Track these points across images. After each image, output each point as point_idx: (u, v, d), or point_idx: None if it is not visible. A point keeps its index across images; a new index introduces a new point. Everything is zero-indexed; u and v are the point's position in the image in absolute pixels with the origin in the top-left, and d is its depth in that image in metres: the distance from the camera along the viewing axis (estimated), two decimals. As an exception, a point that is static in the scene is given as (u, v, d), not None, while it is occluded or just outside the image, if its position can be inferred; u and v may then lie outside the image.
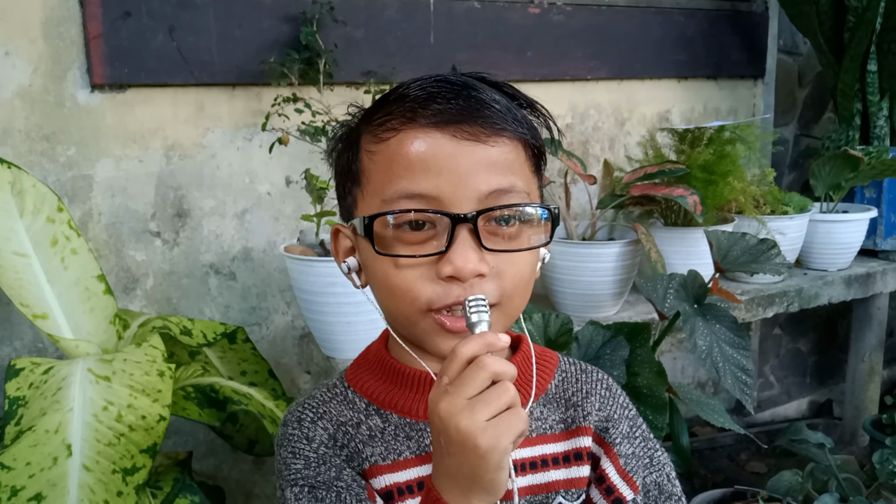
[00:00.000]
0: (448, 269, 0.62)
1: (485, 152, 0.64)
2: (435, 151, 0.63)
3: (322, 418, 0.72)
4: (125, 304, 1.53)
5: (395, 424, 0.71)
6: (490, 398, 0.56)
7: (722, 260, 1.39)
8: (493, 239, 0.64)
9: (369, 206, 0.66)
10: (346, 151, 0.71)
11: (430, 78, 0.65)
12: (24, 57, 1.39)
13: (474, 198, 0.63)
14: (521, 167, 0.67)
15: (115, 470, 1.07)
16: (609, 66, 2.02)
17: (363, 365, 0.76)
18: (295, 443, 0.71)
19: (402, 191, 0.63)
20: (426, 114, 0.64)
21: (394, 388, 0.72)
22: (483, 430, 0.54)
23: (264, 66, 1.50)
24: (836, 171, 1.98)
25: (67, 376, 1.12)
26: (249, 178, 1.62)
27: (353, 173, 0.69)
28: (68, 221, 1.29)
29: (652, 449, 0.79)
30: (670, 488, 0.78)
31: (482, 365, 0.56)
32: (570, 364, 0.80)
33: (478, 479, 0.56)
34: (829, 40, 2.15)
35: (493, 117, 0.64)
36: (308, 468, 0.69)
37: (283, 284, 1.68)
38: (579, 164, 1.65)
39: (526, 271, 0.67)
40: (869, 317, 2.29)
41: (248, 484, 1.74)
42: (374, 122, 0.67)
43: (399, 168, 0.64)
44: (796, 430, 1.92)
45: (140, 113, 1.50)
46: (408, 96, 0.65)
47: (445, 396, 0.56)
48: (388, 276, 0.65)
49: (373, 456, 0.70)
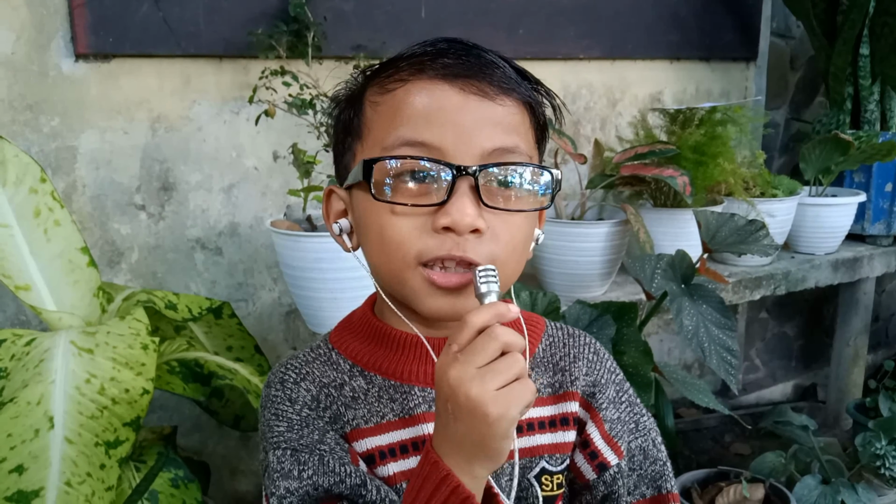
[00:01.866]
0: (445, 220, 0.61)
1: (492, 110, 0.63)
2: (442, 103, 0.62)
3: (305, 379, 0.71)
4: (109, 278, 1.52)
5: (378, 386, 0.70)
6: (501, 367, 0.55)
7: (710, 240, 1.38)
8: (492, 198, 0.63)
9: (370, 154, 0.65)
10: (348, 108, 0.70)
11: (438, 38, 0.65)
12: (6, 25, 1.37)
13: (477, 153, 0.62)
14: (526, 131, 0.66)
15: (98, 443, 1.06)
16: (601, 45, 2.00)
17: (347, 328, 0.75)
18: (278, 405, 0.70)
19: (405, 138, 0.63)
20: (436, 66, 0.63)
21: (379, 350, 0.71)
22: (494, 398, 0.54)
23: (252, 38, 1.48)
24: (825, 155, 1.98)
25: (50, 348, 1.11)
26: (236, 153, 1.60)
27: (355, 127, 0.68)
28: (51, 192, 1.27)
29: (638, 414, 0.79)
30: (655, 453, 0.78)
31: (494, 335, 0.56)
32: (557, 329, 0.80)
33: (484, 446, 0.56)
34: (822, 23, 2.15)
35: (503, 77, 0.64)
36: (291, 431, 0.68)
37: (269, 261, 1.67)
38: (570, 143, 1.64)
39: (520, 238, 0.66)
40: (855, 301, 2.30)
41: (234, 460, 1.74)
42: (382, 75, 0.66)
43: (403, 117, 0.63)
44: (781, 413, 1.93)
45: (125, 84, 1.48)
46: (416, 52, 0.64)
47: (455, 364, 0.56)
48: (382, 227, 0.64)
49: (355, 419, 0.69)
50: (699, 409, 2.51)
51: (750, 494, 1.72)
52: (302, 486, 0.65)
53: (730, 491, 1.73)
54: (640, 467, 0.78)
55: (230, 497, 1.76)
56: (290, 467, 0.66)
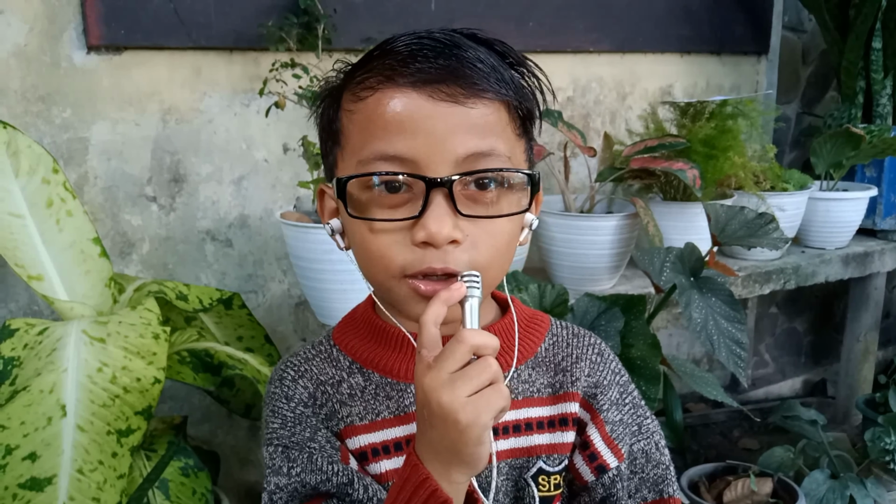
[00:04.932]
0: (421, 235, 0.60)
1: (463, 114, 0.61)
2: (412, 112, 0.61)
3: (303, 377, 0.72)
4: (121, 269, 1.53)
5: (375, 384, 0.71)
6: (472, 374, 0.55)
7: (720, 233, 1.38)
8: (469, 205, 0.62)
9: (347, 166, 0.65)
10: (328, 109, 0.69)
11: (416, 35, 0.63)
12: (19, 16, 1.37)
13: (451, 161, 0.61)
14: (502, 130, 0.64)
15: (110, 431, 1.08)
16: (611, 38, 2.00)
17: (350, 324, 0.76)
18: (275, 401, 0.71)
19: (378, 152, 0.62)
20: (405, 72, 0.61)
21: (377, 348, 0.72)
22: (463, 406, 0.54)
23: (262, 30, 1.48)
24: (837, 149, 1.97)
25: (62, 337, 1.12)
26: (246, 145, 1.61)
27: (334, 132, 0.68)
28: (63, 183, 1.28)
29: (641, 416, 0.78)
30: (658, 456, 0.77)
31: (461, 339, 0.56)
32: (563, 328, 0.79)
33: (458, 452, 0.56)
34: (834, 17, 2.13)
35: (475, 77, 0.62)
36: (284, 428, 0.69)
37: (279, 252, 1.68)
38: (579, 136, 1.64)
39: (503, 241, 0.65)
40: (866, 297, 2.29)
41: (243, 450, 1.75)
42: (355, 80, 0.65)
43: (376, 129, 0.62)
44: (789, 407, 1.93)
45: (136, 76, 1.48)
46: (389, 53, 0.63)
47: (428, 371, 0.56)
48: (364, 241, 0.64)
49: (349, 416, 0.70)
50: (707, 404, 2.50)
51: (758, 489, 1.72)
52: (290, 482, 0.66)
53: (738, 485, 1.73)
54: (642, 470, 0.77)
55: (239, 487, 1.77)
56: (280, 464, 0.67)
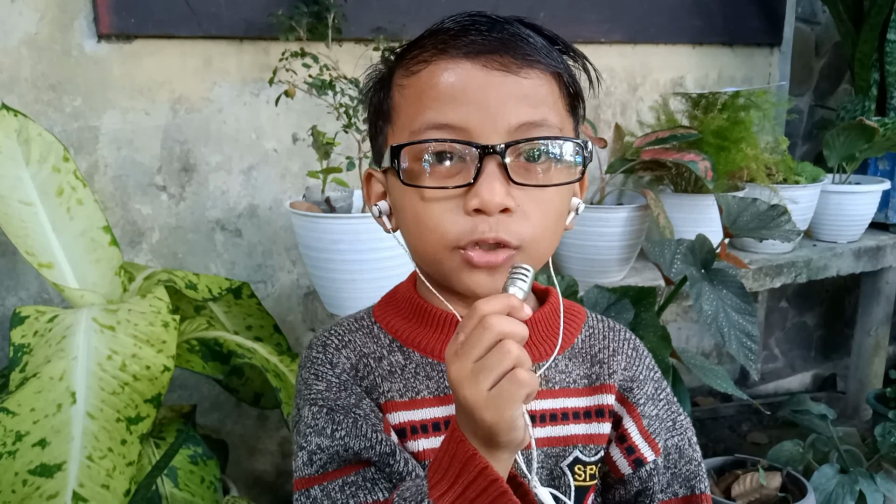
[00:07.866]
0: (475, 202, 0.61)
1: (516, 84, 0.62)
2: (465, 82, 0.62)
3: (346, 347, 0.72)
4: (131, 258, 1.53)
5: (416, 363, 0.71)
6: (491, 363, 0.53)
7: (731, 225, 1.37)
8: (522, 173, 0.63)
9: (398, 139, 0.65)
10: (378, 91, 0.70)
11: (467, 13, 0.64)
12: (30, 5, 1.37)
13: (504, 130, 0.62)
14: (554, 102, 0.65)
15: (119, 419, 1.08)
16: (623, 29, 1.98)
17: (391, 303, 0.76)
18: (318, 366, 0.71)
19: (430, 121, 0.62)
20: (458, 44, 0.62)
21: (418, 327, 0.72)
22: (486, 403, 0.53)
23: (272, 20, 1.48)
24: (850, 142, 1.95)
25: (72, 325, 1.12)
26: (256, 135, 1.61)
27: (385, 111, 0.68)
28: (74, 171, 1.28)
29: (675, 413, 0.78)
30: (691, 452, 0.78)
31: (488, 325, 0.54)
32: (598, 321, 0.79)
33: (492, 440, 0.56)
34: (848, 8, 2.11)
35: (527, 49, 0.63)
36: (329, 391, 0.69)
37: (288, 243, 1.68)
38: (590, 126, 1.63)
39: (553, 214, 0.66)
40: (877, 291, 2.27)
41: (252, 439, 1.76)
42: (407, 58, 0.66)
43: (428, 99, 0.63)
44: (799, 401, 1.91)
45: (147, 65, 1.48)
46: (441, 30, 0.64)
47: (455, 360, 0.55)
48: (416, 212, 0.64)
49: (390, 391, 0.70)
50: (716, 397, 2.50)
51: (767, 483, 1.71)
52: (333, 444, 0.66)
53: (746, 479, 1.72)
54: (675, 466, 0.77)
55: (248, 475, 1.77)
56: (323, 425, 0.67)
